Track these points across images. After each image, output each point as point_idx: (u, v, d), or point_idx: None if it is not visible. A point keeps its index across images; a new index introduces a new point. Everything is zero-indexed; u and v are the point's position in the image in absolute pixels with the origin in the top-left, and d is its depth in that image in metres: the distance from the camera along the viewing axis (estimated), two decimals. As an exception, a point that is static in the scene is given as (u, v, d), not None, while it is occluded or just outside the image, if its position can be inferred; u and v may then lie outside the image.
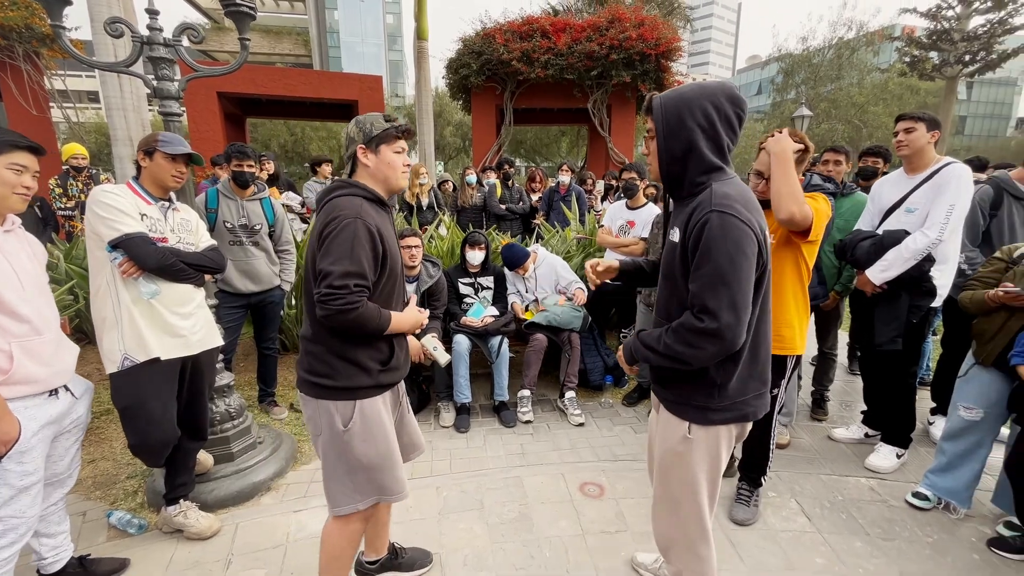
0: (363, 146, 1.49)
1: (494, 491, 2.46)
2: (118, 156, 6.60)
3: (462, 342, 3.18)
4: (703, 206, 1.19)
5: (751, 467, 2.30)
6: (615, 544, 2.10)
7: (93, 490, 2.46)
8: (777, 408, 2.15)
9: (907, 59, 18.78)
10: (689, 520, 1.43)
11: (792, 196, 1.78)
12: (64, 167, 5.39)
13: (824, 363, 3.26)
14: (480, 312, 3.35)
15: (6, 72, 7.59)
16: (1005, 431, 2.38)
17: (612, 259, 1.72)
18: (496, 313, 3.39)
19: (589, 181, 6.69)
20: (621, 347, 1.46)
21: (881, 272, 2.42)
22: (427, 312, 1.68)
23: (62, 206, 5.29)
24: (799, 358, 2.14)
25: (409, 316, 1.58)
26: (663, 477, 1.45)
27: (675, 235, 1.29)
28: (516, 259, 3.47)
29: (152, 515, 2.26)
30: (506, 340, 3.29)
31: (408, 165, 1.56)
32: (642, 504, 2.36)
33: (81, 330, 3.98)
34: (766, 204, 1.85)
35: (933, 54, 18.19)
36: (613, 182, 7.00)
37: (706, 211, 1.17)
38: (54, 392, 1.63)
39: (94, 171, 5.66)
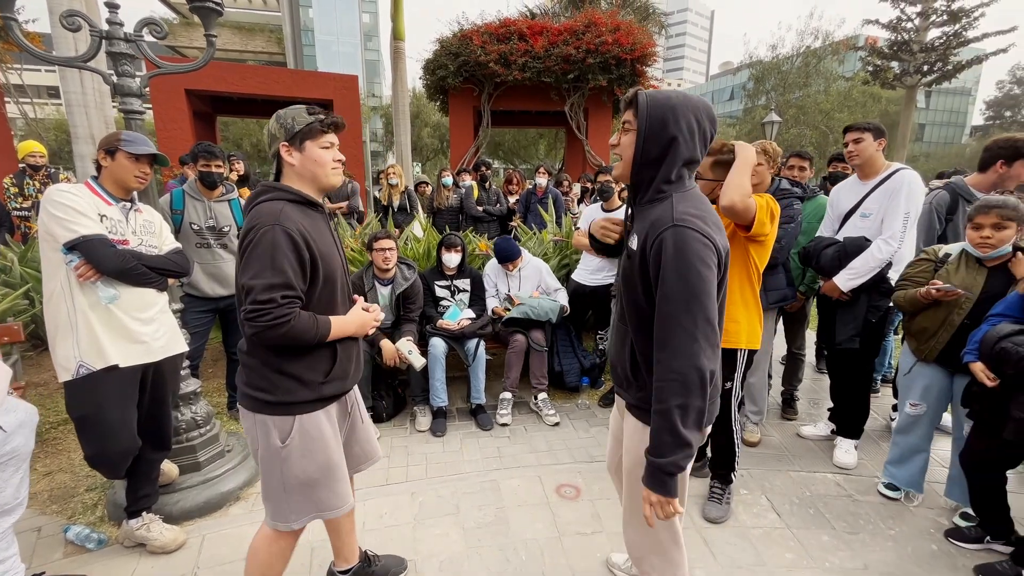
0: (286, 143, 1.38)
1: (470, 495, 2.44)
2: (79, 154, 6.34)
3: (438, 345, 3.15)
4: (663, 220, 1.16)
5: (721, 464, 2.35)
6: (591, 545, 2.11)
7: (49, 504, 2.35)
8: (735, 402, 2.21)
9: (870, 68, 19.57)
10: (661, 528, 1.41)
11: (739, 188, 1.85)
12: (20, 165, 5.14)
13: (793, 363, 3.35)
14: (456, 315, 3.33)
15: (-44, 65, 7.20)
16: (947, 417, 2.53)
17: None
18: (473, 316, 3.37)
19: (566, 183, 6.73)
20: (647, 480, 1.19)
21: (848, 280, 2.53)
22: (377, 309, 1.58)
23: (17, 206, 5.03)
24: (751, 354, 2.19)
25: (353, 319, 1.49)
26: (633, 488, 1.39)
27: (634, 242, 1.25)
28: (510, 253, 3.45)
29: (113, 529, 2.16)
30: (483, 343, 3.28)
31: (340, 161, 1.45)
32: (618, 504, 2.34)
33: (37, 336, 3.80)
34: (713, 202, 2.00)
35: (894, 64, 19.00)
36: (589, 184, 7.07)
37: (666, 226, 1.14)
38: None
39: (52, 170, 5.42)
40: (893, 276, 2.56)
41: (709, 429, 1.31)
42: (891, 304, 2.59)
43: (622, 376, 1.40)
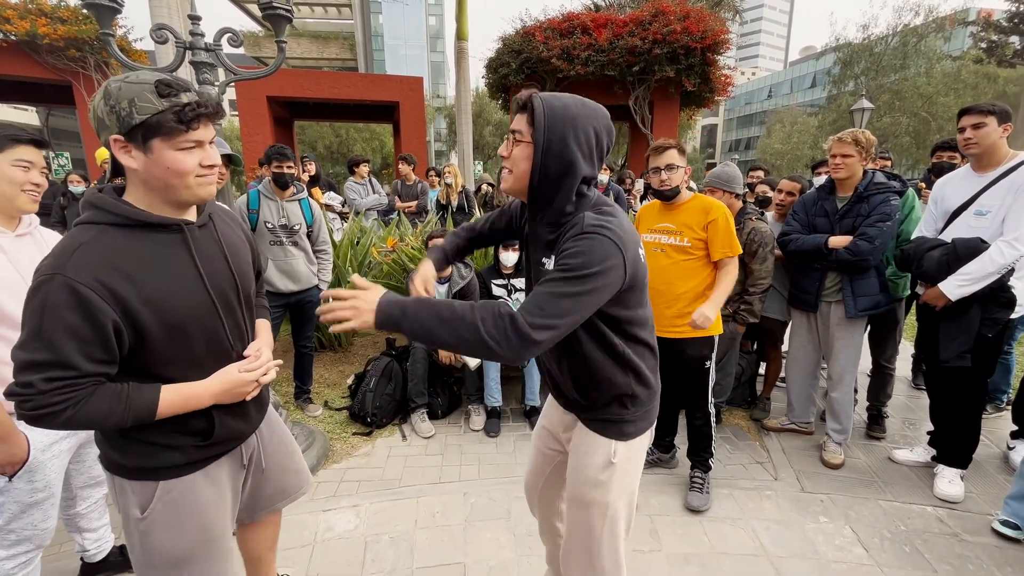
0: (120, 138, 0.95)
1: (522, 500, 2.37)
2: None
3: (493, 345, 3.12)
4: (576, 230, 1.05)
5: (700, 448, 2.42)
6: (648, 565, 1.98)
7: (139, 479, 2.57)
8: (711, 384, 2.34)
9: (983, 45, 17.28)
10: (605, 557, 1.25)
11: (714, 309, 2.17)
12: (102, 172, 5.63)
13: (880, 377, 3.00)
14: (512, 314, 3.29)
15: (79, 81, 8.19)
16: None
17: (426, 269, 1.45)
18: (529, 316, 3.31)
19: (628, 180, 6.50)
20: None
21: (959, 287, 2.18)
22: (263, 368, 1.17)
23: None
24: (715, 340, 2.30)
25: (214, 385, 1.08)
26: (581, 514, 1.25)
27: (549, 264, 1.13)
28: None
29: (190, 507, 2.32)
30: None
31: (211, 167, 1.02)
32: (678, 523, 2.23)
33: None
34: (665, 194, 2.24)
35: (1014, 38, 16.63)
36: (654, 181, 6.78)
37: (578, 234, 1.03)
38: None
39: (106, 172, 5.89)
40: (1015, 283, 2.20)
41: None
42: (1012, 317, 2.23)
43: (568, 394, 1.28)
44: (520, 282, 3.44)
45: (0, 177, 1.37)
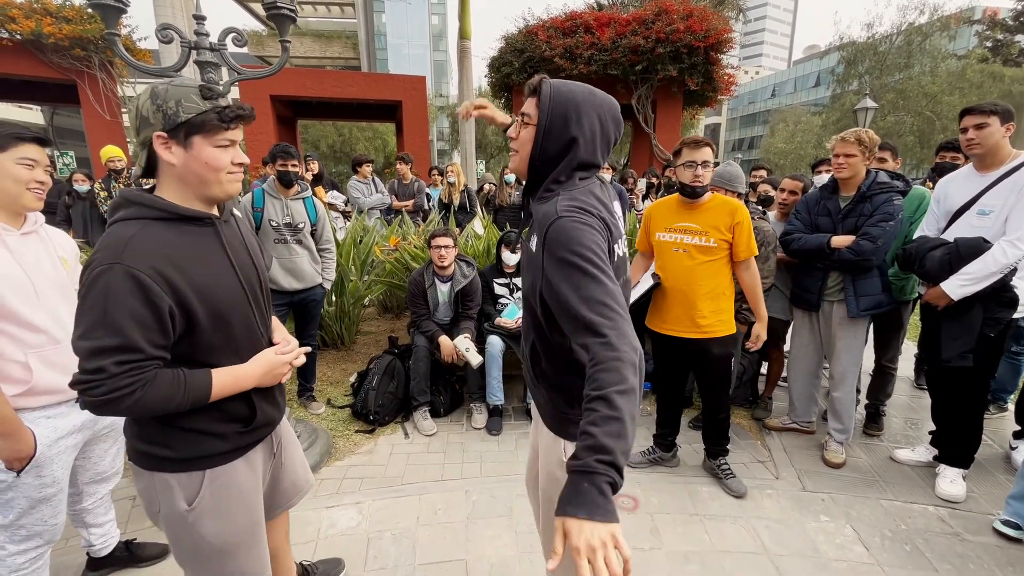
0: (163, 134, 1.03)
1: (524, 498, 2.39)
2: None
3: (495, 343, 3.13)
4: (548, 216, 1.03)
5: (719, 441, 2.51)
6: (648, 563, 1.99)
7: (144, 475, 2.59)
8: (734, 379, 2.60)
9: (989, 44, 17.21)
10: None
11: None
12: (107, 171, 5.52)
13: (882, 377, 3.00)
14: (515, 313, 3.30)
15: (84, 81, 8.22)
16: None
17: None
18: (531, 314, 3.32)
19: (631, 180, 6.50)
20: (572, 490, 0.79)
21: (961, 287, 2.18)
22: (295, 352, 1.27)
23: (108, 208, 5.47)
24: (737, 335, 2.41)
25: (254, 369, 1.16)
26: (549, 509, 1.22)
27: (533, 243, 1.10)
28: None
29: (195, 503, 2.34)
30: (540, 342, 3.21)
31: (241, 165, 1.11)
32: (679, 520, 2.24)
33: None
34: (695, 191, 2.21)
35: (1020, 37, 16.55)
36: (654, 180, 6.77)
37: (551, 221, 1.01)
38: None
39: (134, 172, 5.89)
40: (1017, 283, 2.20)
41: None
42: (1014, 317, 2.23)
43: (529, 381, 1.27)
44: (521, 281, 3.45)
45: (4, 175, 1.38)
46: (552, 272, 0.98)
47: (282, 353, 1.23)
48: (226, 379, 1.10)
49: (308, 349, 1.35)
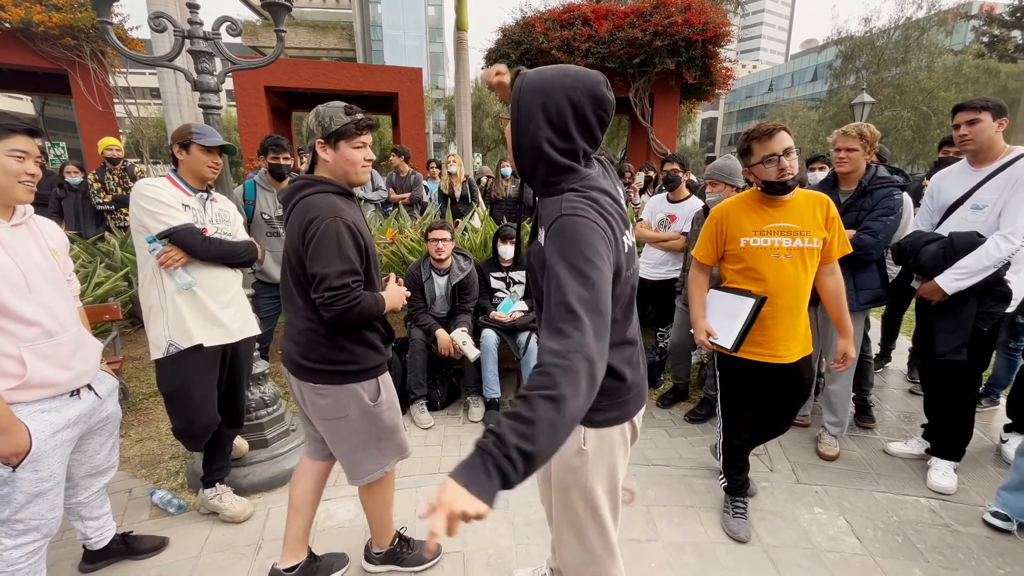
0: (322, 140, 1.49)
1: (520, 491, 2.40)
2: (174, 149, 6.96)
3: (490, 337, 3.13)
4: (553, 213, 1.03)
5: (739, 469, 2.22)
6: (645, 553, 2.01)
7: (139, 468, 2.59)
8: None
9: (985, 39, 17.23)
10: (595, 541, 1.29)
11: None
12: (103, 160, 5.43)
13: (859, 368, 3.01)
14: (510, 307, 3.30)
15: (75, 70, 8.10)
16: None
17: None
18: (526, 308, 3.32)
19: (628, 174, 6.49)
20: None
21: (955, 281, 2.19)
22: (403, 288, 1.75)
23: (100, 201, 5.28)
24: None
25: (394, 294, 1.68)
26: (563, 498, 1.29)
27: (541, 236, 1.10)
28: None
29: (191, 496, 2.34)
30: (534, 336, 3.22)
31: (370, 160, 1.56)
32: (674, 512, 2.25)
33: (134, 314, 4.21)
34: (787, 186, 1.84)
35: (1016, 33, 16.58)
36: (651, 174, 6.77)
37: (555, 218, 1.02)
38: (75, 393, 1.56)
39: (128, 163, 5.69)
40: (1011, 277, 2.21)
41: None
42: (1007, 311, 2.25)
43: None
44: (518, 275, 3.45)
45: None
46: (549, 267, 0.99)
47: (396, 286, 1.70)
48: (384, 300, 1.59)
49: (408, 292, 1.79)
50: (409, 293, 1.74)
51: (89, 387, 1.62)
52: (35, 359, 1.41)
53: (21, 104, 23.00)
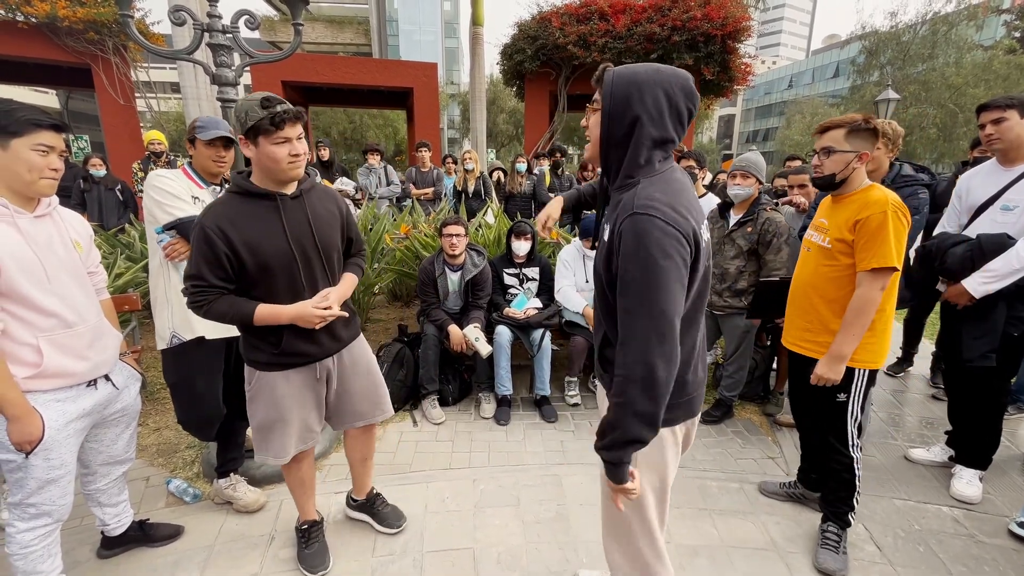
0: (243, 137, 1.43)
1: (531, 488, 2.40)
2: (192, 143, 7.08)
3: (504, 333, 3.12)
4: (626, 208, 1.06)
5: (834, 501, 2.00)
6: (657, 556, 1.98)
7: (157, 457, 2.63)
8: (851, 422, 1.91)
9: (1017, 34, 16.65)
10: (641, 541, 1.31)
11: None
12: (146, 153, 5.78)
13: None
14: (523, 303, 3.28)
15: (98, 64, 8.24)
16: None
17: (554, 204, 1.62)
18: (540, 305, 3.30)
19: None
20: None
21: (983, 284, 2.11)
22: (330, 309, 1.58)
23: (143, 188, 5.62)
24: (872, 373, 1.88)
25: (288, 310, 1.53)
26: (607, 491, 1.29)
27: (606, 232, 1.15)
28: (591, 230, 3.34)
29: (206, 485, 2.38)
30: (548, 334, 3.20)
31: (297, 155, 1.45)
32: (687, 515, 2.22)
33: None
34: (815, 183, 1.89)
35: (1050, 28, 16.00)
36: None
37: (627, 214, 1.04)
38: (92, 383, 1.57)
39: (172, 157, 6.01)
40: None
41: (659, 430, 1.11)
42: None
43: (597, 367, 1.32)
44: (531, 271, 3.42)
45: (20, 162, 1.36)
46: (620, 265, 1.05)
47: (316, 306, 1.55)
48: (265, 312, 1.51)
49: (345, 314, 1.65)
50: (330, 314, 1.58)
51: (107, 378, 1.63)
52: (52, 349, 1.43)
53: (46, 98, 23.52)
